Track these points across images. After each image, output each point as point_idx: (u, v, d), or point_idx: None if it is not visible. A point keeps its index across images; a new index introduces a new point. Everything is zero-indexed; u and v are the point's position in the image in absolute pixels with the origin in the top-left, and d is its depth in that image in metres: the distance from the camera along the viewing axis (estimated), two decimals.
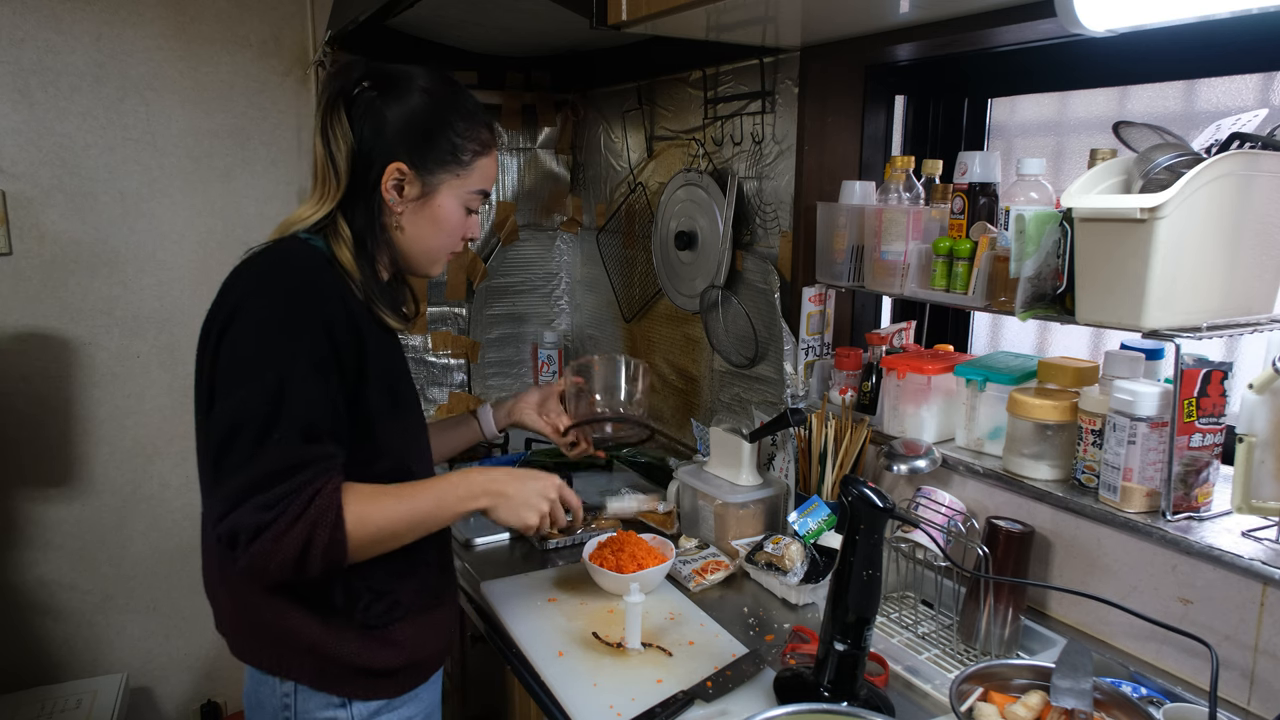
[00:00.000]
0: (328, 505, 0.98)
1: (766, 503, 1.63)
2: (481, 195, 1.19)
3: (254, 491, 0.96)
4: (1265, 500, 1.07)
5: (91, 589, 2.27)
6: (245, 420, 0.97)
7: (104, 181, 2.14)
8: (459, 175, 1.15)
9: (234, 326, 1.01)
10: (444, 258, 1.22)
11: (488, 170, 1.19)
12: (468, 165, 1.16)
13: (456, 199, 1.17)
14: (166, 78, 2.17)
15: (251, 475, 0.96)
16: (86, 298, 2.16)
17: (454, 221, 1.18)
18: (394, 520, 1.06)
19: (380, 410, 1.10)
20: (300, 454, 0.98)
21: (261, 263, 1.07)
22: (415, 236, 1.16)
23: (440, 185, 1.15)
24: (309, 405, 1.00)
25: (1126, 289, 1.05)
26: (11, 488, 2.15)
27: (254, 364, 0.99)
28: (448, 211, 1.16)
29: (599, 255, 2.47)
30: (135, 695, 2.35)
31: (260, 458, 0.97)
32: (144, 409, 2.27)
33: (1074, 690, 1.03)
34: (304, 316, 1.02)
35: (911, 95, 1.73)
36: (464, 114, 1.15)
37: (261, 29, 2.26)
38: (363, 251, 1.11)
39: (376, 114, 1.10)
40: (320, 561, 0.98)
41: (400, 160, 1.11)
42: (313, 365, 1.01)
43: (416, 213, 1.15)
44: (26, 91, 2.03)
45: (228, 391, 1.00)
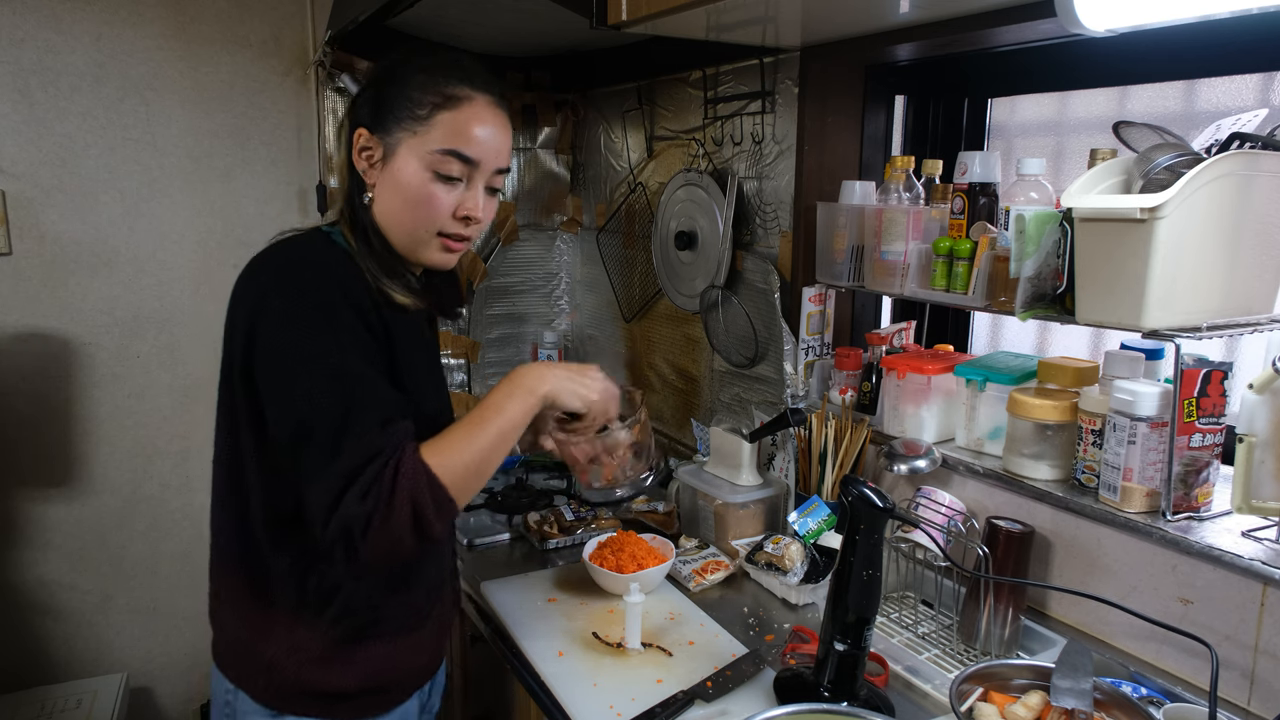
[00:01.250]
0: (414, 470, 0.96)
1: (766, 503, 1.63)
2: (455, 158, 1.05)
3: (348, 484, 0.94)
4: (1265, 500, 1.07)
5: (91, 589, 2.27)
6: (316, 419, 0.95)
7: (104, 181, 2.14)
8: (416, 132, 1.04)
9: (264, 325, 0.99)
10: (430, 239, 1.09)
11: (457, 127, 1.05)
12: (426, 120, 1.04)
13: (419, 159, 1.05)
14: (166, 78, 2.17)
15: (340, 471, 0.94)
16: (86, 298, 2.16)
17: (417, 187, 1.05)
18: (475, 450, 1.02)
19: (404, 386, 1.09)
20: (379, 440, 0.96)
21: (276, 254, 1.05)
22: (386, 209, 1.08)
23: (399, 145, 1.05)
24: (374, 391, 0.98)
25: (1126, 289, 1.05)
26: (11, 488, 2.15)
27: (304, 361, 0.97)
28: (408, 175, 1.05)
29: (599, 255, 2.47)
30: (135, 695, 2.35)
31: (344, 452, 0.94)
32: (144, 409, 2.27)
33: (1074, 690, 1.03)
34: (335, 303, 1.00)
35: (911, 95, 1.73)
36: (424, 68, 1.06)
37: (261, 29, 2.26)
38: (355, 226, 1.08)
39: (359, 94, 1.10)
40: (437, 521, 0.97)
41: (362, 124, 1.07)
42: (362, 353, 1.00)
43: (383, 181, 1.07)
44: (26, 91, 2.03)
45: (284, 393, 0.98)
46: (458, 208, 1.08)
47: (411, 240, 1.09)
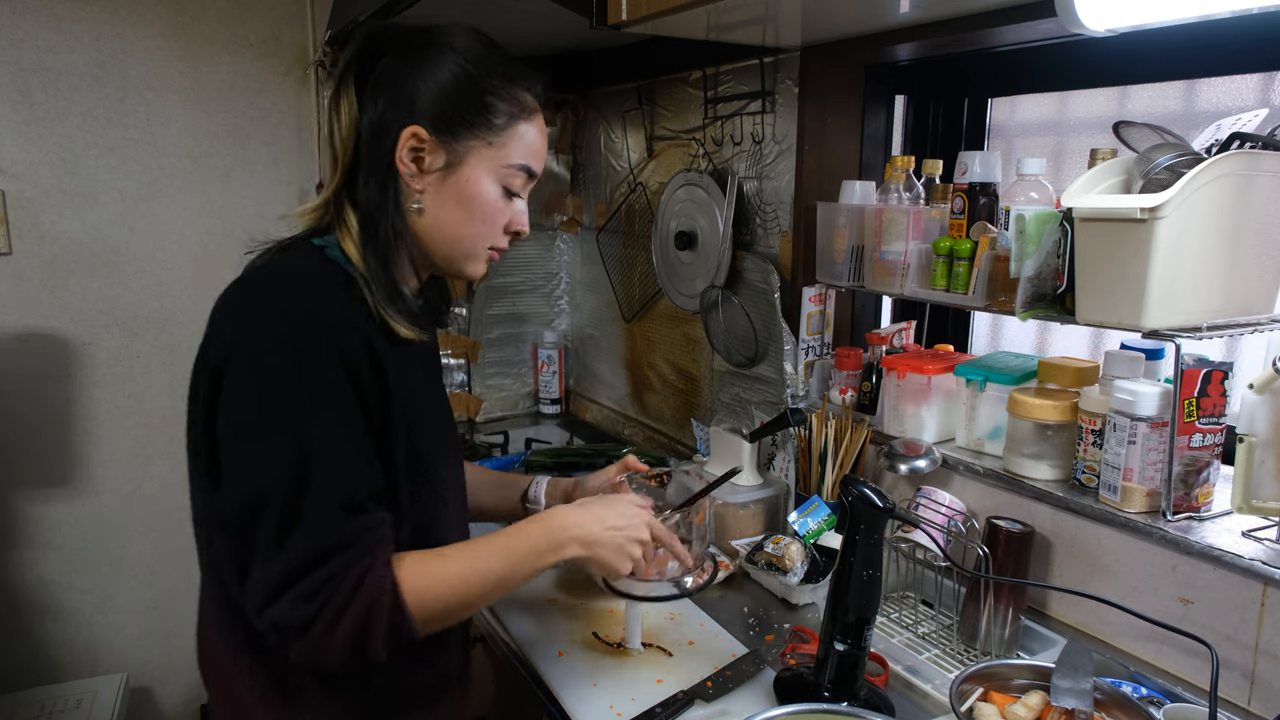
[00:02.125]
0: (380, 587, 0.84)
1: (766, 503, 1.63)
2: (524, 173, 0.98)
3: (292, 581, 0.82)
4: (1265, 500, 1.07)
5: (91, 589, 2.27)
6: (268, 495, 0.82)
7: (104, 181, 2.14)
8: (491, 143, 0.95)
9: (231, 374, 0.85)
10: (482, 252, 1.00)
11: (530, 141, 0.98)
12: (502, 130, 0.95)
13: (490, 173, 0.96)
14: (166, 78, 2.17)
15: (287, 562, 0.82)
16: (86, 298, 2.16)
17: (487, 202, 0.96)
18: (461, 589, 0.91)
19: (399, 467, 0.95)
20: (340, 531, 0.84)
21: (256, 287, 0.91)
22: (440, 220, 0.96)
23: (468, 154, 0.95)
24: (342, 468, 0.85)
25: (1126, 289, 1.05)
26: (11, 488, 2.15)
27: (266, 424, 0.84)
28: (478, 188, 0.95)
29: (599, 255, 2.47)
30: (135, 695, 2.35)
31: (294, 540, 0.82)
32: (144, 409, 2.27)
33: (1074, 690, 1.03)
34: (317, 355, 0.85)
35: (911, 95, 1.73)
36: (500, 70, 0.95)
37: (261, 29, 2.26)
38: (371, 238, 0.93)
39: (394, 78, 0.93)
40: (384, 648, 0.86)
41: (418, 123, 0.92)
42: (338, 417, 0.85)
43: (440, 190, 0.95)
44: (26, 91, 2.03)
45: (239, 459, 0.85)
46: (510, 223, 1.01)
47: (461, 254, 0.99)
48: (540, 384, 2.64)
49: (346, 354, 0.87)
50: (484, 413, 2.58)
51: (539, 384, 2.65)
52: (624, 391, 2.43)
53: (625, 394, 2.43)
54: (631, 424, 2.38)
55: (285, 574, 0.82)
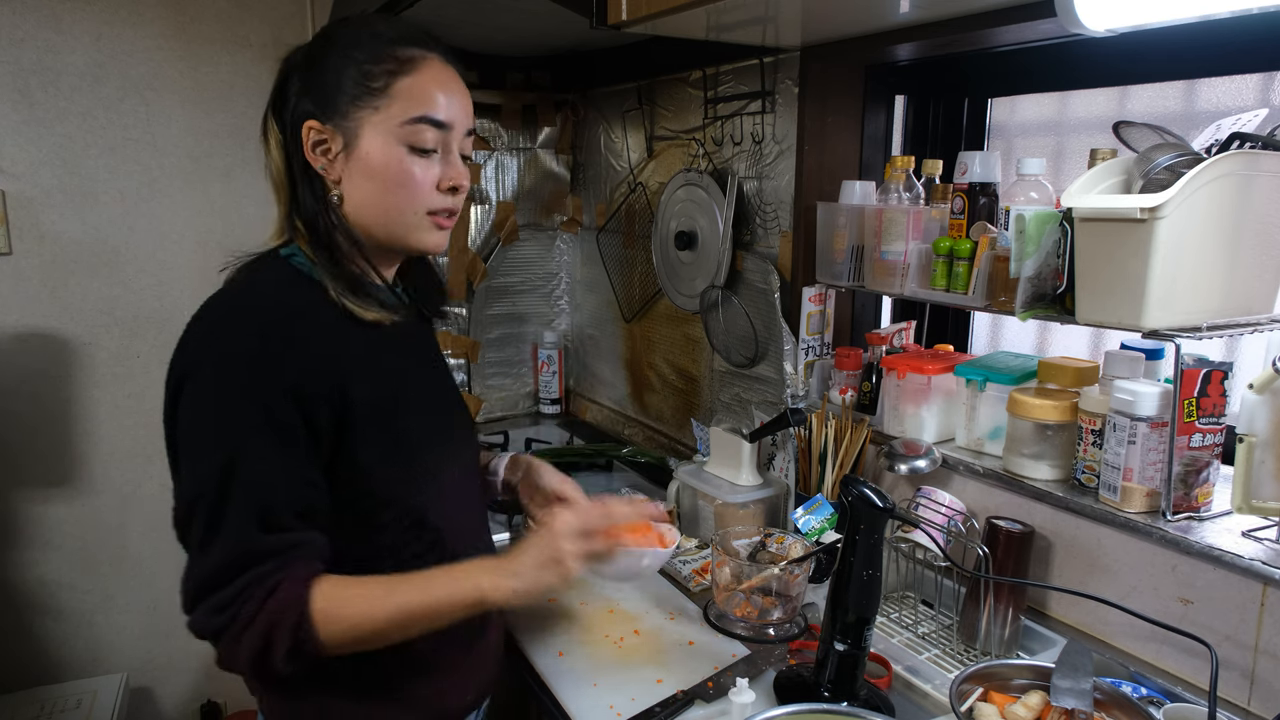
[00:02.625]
0: (286, 605, 0.86)
1: (766, 503, 1.63)
2: (428, 124, 0.96)
3: (207, 590, 0.87)
4: (1265, 500, 1.07)
5: (91, 589, 2.27)
6: (198, 503, 0.88)
7: (104, 181, 2.14)
8: (377, 108, 0.95)
9: (185, 391, 0.90)
10: (418, 220, 0.99)
11: (419, 91, 0.96)
12: (384, 91, 0.95)
13: (388, 137, 0.95)
14: (166, 78, 2.17)
15: (205, 570, 0.88)
16: (86, 298, 2.16)
17: (395, 167, 0.96)
18: (374, 620, 0.91)
19: (375, 459, 0.97)
20: (253, 546, 0.87)
21: (221, 304, 0.95)
22: (361, 201, 0.98)
23: (361, 127, 0.95)
24: (264, 487, 0.88)
25: (1126, 289, 1.05)
26: (11, 488, 2.15)
27: (206, 438, 0.89)
28: (379, 155, 0.95)
29: (599, 255, 2.47)
30: (135, 695, 2.35)
31: (212, 549, 0.87)
32: (144, 409, 2.27)
33: (1074, 690, 1.03)
34: (261, 377, 0.89)
35: (911, 95, 1.73)
36: (365, 40, 0.96)
37: (262, 29, 2.26)
38: (316, 238, 0.97)
39: (295, 92, 0.97)
40: (285, 665, 0.88)
41: (310, 117, 0.95)
42: (273, 437, 0.89)
43: (350, 171, 0.97)
44: (26, 91, 2.03)
45: (184, 466, 0.91)
46: (441, 180, 0.99)
47: (400, 227, 0.99)
48: (540, 384, 2.64)
49: (298, 375, 0.90)
50: (484, 413, 2.58)
51: (539, 384, 2.65)
52: (624, 391, 2.43)
53: (625, 394, 2.43)
54: (631, 424, 2.38)
55: (202, 581, 0.88)
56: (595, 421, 2.55)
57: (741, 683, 1.10)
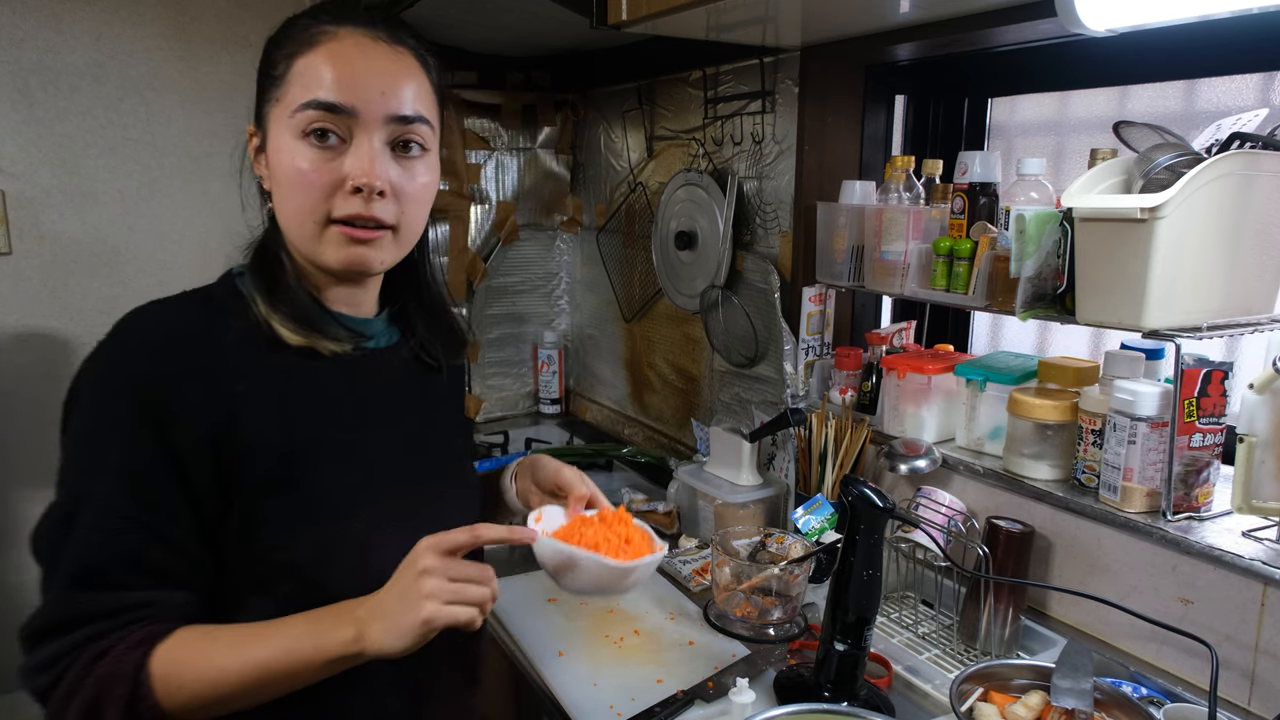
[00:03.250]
0: (114, 674, 0.74)
1: (766, 502, 1.63)
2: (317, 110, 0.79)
3: (35, 641, 0.78)
4: (1265, 500, 1.07)
5: None
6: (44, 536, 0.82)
7: (104, 181, 2.14)
8: (279, 99, 0.82)
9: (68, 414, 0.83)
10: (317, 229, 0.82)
11: (311, 71, 0.80)
12: (282, 78, 0.82)
13: (286, 132, 0.81)
14: (166, 78, 2.17)
15: (30, 624, 0.78)
16: (86, 298, 2.16)
17: (291, 166, 0.81)
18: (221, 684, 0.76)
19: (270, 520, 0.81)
20: (77, 606, 0.77)
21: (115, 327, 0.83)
22: (281, 211, 0.85)
23: (272, 125, 0.83)
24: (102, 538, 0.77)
25: (1127, 289, 1.05)
26: (11, 488, 2.15)
27: (66, 470, 0.81)
28: (281, 154, 0.82)
29: (599, 255, 2.47)
30: None
31: (43, 602, 0.80)
32: None
33: (1074, 690, 1.03)
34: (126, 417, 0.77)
35: (911, 95, 1.73)
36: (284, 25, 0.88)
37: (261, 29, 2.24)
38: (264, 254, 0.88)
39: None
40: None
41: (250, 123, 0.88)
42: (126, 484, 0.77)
43: (270, 176, 0.86)
44: (26, 91, 2.03)
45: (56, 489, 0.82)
46: (346, 177, 0.80)
47: (303, 239, 0.83)
48: (540, 384, 2.64)
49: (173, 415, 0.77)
50: (484, 413, 2.58)
51: (539, 384, 2.65)
52: (624, 391, 2.43)
53: (625, 394, 2.43)
54: (631, 424, 2.38)
55: (34, 632, 0.78)
56: (595, 421, 2.55)
57: (741, 683, 1.09)
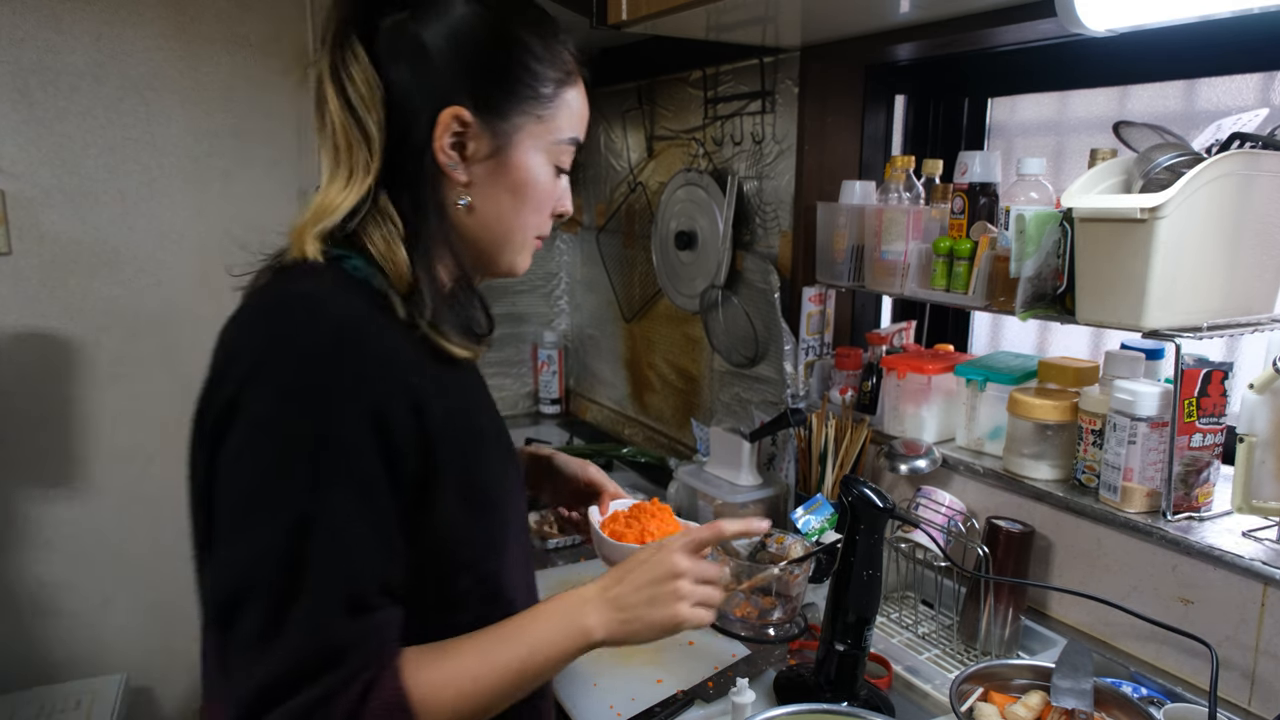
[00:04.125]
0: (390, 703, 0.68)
1: (766, 502, 1.63)
2: (574, 146, 0.85)
3: (279, 695, 0.65)
4: (1266, 500, 1.07)
5: (91, 589, 2.27)
6: (256, 582, 0.66)
7: (104, 181, 2.14)
8: (540, 117, 0.81)
9: (233, 430, 0.69)
10: (531, 242, 0.86)
11: (578, 108, 0.84)
12: (550, 100, 0.81)
13: (542, 152, 0.82)
14: (166, 78, 2.17)
15: (271, 669, 0.65)
16: (86, 298, 2.16)
17: (540, 186, 0.83)
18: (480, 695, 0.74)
19: (456, 515, 0.78)
20: (340, 635, 0.67)
21: (267, 321, 0.73)
22: (490, 214, 0.81)
23: (518, 134, 0.80)
24: (350, 557, 0.68)
25: (1127, 289, 1.05)
26: (11, 488, 2.15)
27: (264, 495, 0.67)
28: (532, 172, 0.81)
29: (599, 255, 2.47)
30: (135, 695, 2.34)
31: (279, 642, 0.65)
32: (144, 409, 2.27)
33: (1074, 690, 1.03)
34: (343, 411, 0.68)
35: (911, 95, 1.73)
36: (538, 26, 0.81)
37: (262, 29, 2.26)
38: (416, 246, 0.77)
39: (412, 42, 0.75)
40: None
41: (458, 103, 0.76)
42: (355, 489, 0.69)
43: (489, 179, 0.80)
44: (26, 91, 2.03)
45: (229, 531, 0.69)
46: (558, 204, 0.88)
47: (511, 249, 0.85)
48: (540, 384, 2.64)
49: (382, 405, 0.70)
50: None
51: (539, 384, 2.65)
52: (624, 391, 2.43)
53: (625, 394, 2.43)
54: (631, 424, 2.38)
55: (271, 684, 0.65)
56: (595, 421, 2.55)
57: (741, 683, 1.09)
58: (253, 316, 0.75)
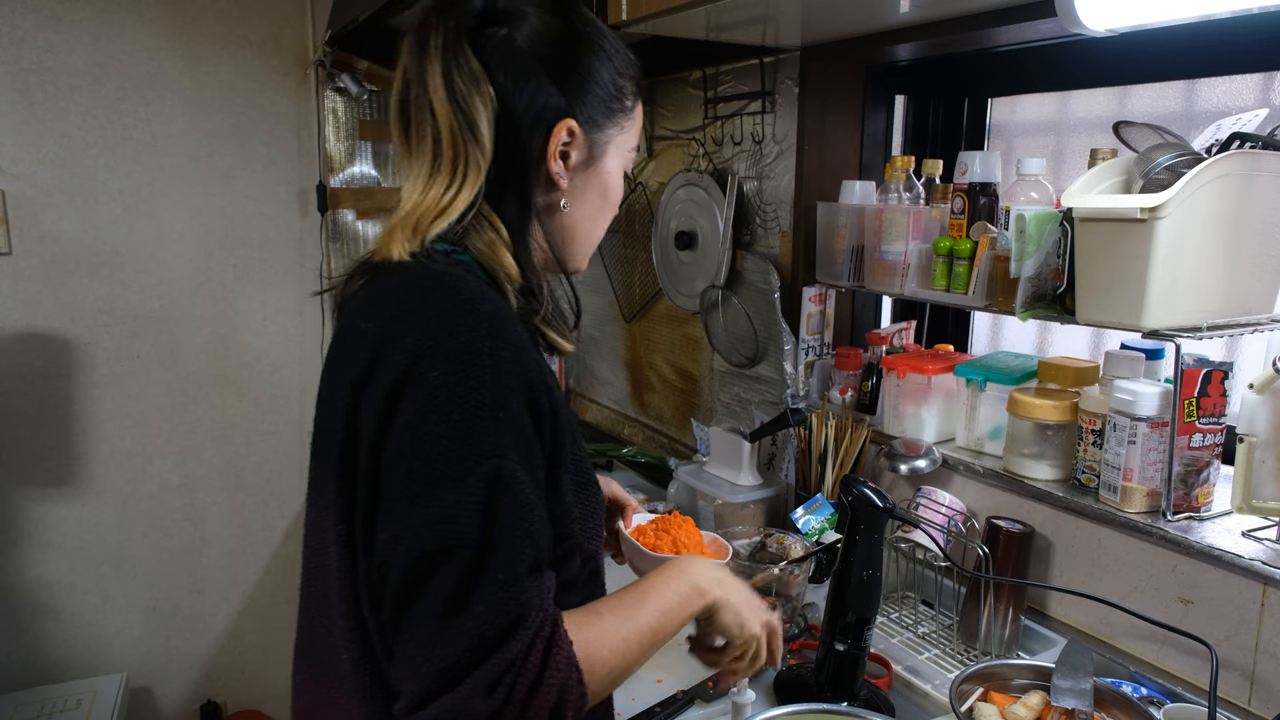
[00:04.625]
0: (569, 662, 0.70)
1: (766, 502, 1.63)
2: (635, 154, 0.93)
3: (472, 664, 0.66)
4: (1265, 500, 1.07)
5: (91, 589, 2.27)
6: (444, 549, 0.67)
7: (104, 181, 2.14)
8: (624, 128, 0.88)
9: (407, 400, 0.70)
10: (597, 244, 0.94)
11: (640, 119, 0.92)
12: (630, 112, 0.88)
13: (622, 160, 0.89)
14: (166, 78, 2.17)
15: (465, 641, 0.66)
16: (86, 298, 2.16)
17: (618, 190, 0.90)
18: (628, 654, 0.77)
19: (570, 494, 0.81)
20: (528, 594, 0.69)
21: (424, 297, 0.74)
22: (582, 217, 0.88)
23: (609, 145, 0.87)
24: (531, 517, 0.71)
25: (1126, 289, 1.05)
26: (11, 488, 2.15)
27: (447, 462, 0.68)
28: (615, 178, 0.89)
29: (599, 255, 2.46)
30: (135, 695, 2.35)
31: (472, 611, 0.66)
32: (144, 409, 2.27)
33: (1074, 690, 1.03)
34: (508, 381, 0.71)
35: (911, 95, 1.73)
36: (616, 42, 0.87)
37: (261, 29, 2.26)
38: (523, 246, 0.82)
39: (519, 54, 0.79)
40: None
41: (570, 116, 0.82)
42: (525, 456, 0.72)
43: (583, 184, 0.86)
44: (26, 91, 2.03)
45: (407, 503, 0.69)
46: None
47: (588, 249, 0.92)
48: None
49: (531, 382, 0.74)
50: None
51: None
52: (624, 391, 2.43)
53: (625, 394, 2.43)
54: (631, 424, 2.38)
55: (463, 655, 0.66)
56: (595, 421, 2.55)
57: (741, 683, 1.09)
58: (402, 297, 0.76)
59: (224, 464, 2.41)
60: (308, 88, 2.33)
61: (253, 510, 2.48)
